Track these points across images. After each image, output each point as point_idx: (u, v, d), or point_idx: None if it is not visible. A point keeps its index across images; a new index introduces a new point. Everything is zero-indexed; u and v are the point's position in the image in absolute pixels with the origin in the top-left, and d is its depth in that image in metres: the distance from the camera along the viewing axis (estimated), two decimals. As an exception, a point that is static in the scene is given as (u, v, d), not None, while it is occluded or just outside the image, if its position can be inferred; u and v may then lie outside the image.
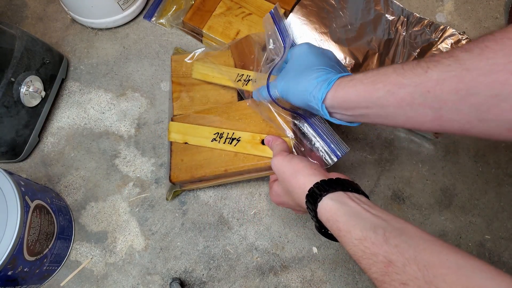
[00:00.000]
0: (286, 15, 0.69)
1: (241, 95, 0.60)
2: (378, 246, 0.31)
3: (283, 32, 0.56)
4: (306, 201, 0.40)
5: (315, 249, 0.58)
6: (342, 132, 0.64)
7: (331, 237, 0.39)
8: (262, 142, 0.54)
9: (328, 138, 0.51)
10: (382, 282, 0.31)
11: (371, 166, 0.63)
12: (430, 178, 0.62)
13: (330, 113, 0.44)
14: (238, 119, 0.57)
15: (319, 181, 0.39)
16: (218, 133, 0.57)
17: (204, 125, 0.58)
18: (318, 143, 0.51)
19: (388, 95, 0.37)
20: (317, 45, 0.66)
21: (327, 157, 0.50)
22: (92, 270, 0.57)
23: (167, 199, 0.60)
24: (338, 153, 0.50)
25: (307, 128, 0.52)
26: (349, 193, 0.38)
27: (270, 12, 0.58)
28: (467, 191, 0.61)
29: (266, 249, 0.58)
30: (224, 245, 0.58)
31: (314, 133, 0.52)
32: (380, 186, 0.62)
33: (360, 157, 0.63)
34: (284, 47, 0.54)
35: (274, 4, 0.68)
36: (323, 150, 0.51)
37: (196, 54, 0.64)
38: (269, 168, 0.54)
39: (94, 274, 0.57)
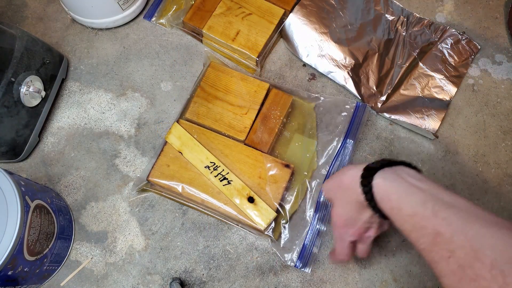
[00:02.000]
0: (286, 15, 0.69)
1: None
2: (427, 220, 0.33)
3: (349, 135, 0.61)
4: (362, 188, 0.40)
5: (315, 249, 0.58)
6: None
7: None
8: (248, 199, 0.55)
9: (307, 246, 0.56)
10: (429, 251, 0.33)
11: (371, 166, 0.63)
12: (430, 178, 0.62)
13: None
14: (238, 161, 0.58)
15: (366, 165, 0.41)
16: (214, 163, 0.57)
17: (205, 147, 0.58)
18: (301, 241, 0.57)
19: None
20: (317, 46, 0.67)
21: (292, 258, 0.56)
22: (92, 270, 0.57)
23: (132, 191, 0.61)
24: (297, 263, 0.56)
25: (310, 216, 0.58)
26: (398, 169, 0.39)
27: (357, 104, 0.62)
28: (467, 191, 0.61)
29: (266, 249, 0.58)
30: (224, 245, 0.58)
31: (308, 226, 0.57)
32: (380, 186, 0.61)
33: (360, 157, 0.63)
34: (341, 149, 0.60)
35: (274, 4, 0.68)
36: (297, 251, 0.56)
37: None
38: (243, 224, 0.56)
39: (94, 274, 0.57)
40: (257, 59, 0.65)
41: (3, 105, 0.55)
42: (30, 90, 0.58)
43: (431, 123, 0.64)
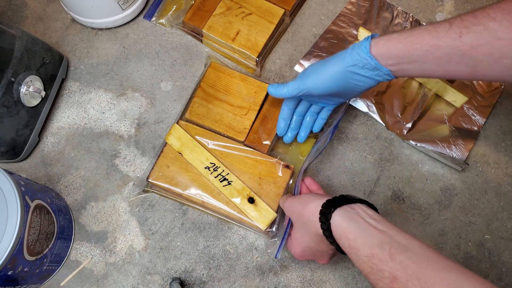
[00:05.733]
0: (285, 15, 0.69)
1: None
2: (384, 263, 0.34)
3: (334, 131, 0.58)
4: (320, 224, 0.41)
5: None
6: (343, 131, 0.64)
7: None
8: (248, 200, 0.55)
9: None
10: None
11: (371, 166, 0.63)
12: (430, 178, 0.62)
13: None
14: (238, 161, 0.58)
15: (325, 201, 0.42)
16: (214, 164, 0.57)
17: (205, 148, 0.58)
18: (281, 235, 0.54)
19: (427, 54, 0.41)
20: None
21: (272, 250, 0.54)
22: (92, 270, 0.57)
23: (132, 192, 0.60)
24: (275, 252, 0.53)
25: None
26: (356, 207, 0.40)
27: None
28: (467, 191, 0.61)
29: (266, 248, 0.58)
30: (224, 245, 0.58)
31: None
32: (380, 186, 0.62)
33: (360, 157, 0.63)
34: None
35: (274, 3, 0.68)
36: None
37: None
38: (244, 224, 0.56)
39: (94, 274, 0.57)
40: (257, 59, 0.65)
41: (3, 105, 0.55)
42: (30, 90, 0.58)
43: (459, 153, 0.62)
